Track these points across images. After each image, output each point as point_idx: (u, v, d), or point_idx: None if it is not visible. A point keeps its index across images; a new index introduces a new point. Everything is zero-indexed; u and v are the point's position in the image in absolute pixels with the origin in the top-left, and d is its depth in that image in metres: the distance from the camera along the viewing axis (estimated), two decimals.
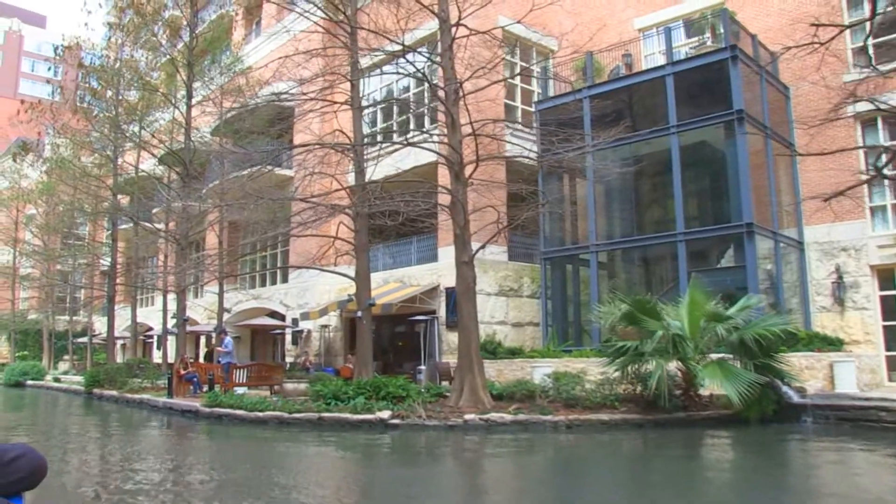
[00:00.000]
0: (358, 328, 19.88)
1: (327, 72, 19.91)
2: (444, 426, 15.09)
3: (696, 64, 22.67)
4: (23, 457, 1.79)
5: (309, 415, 15.96)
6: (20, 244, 48.37)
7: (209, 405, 18.42)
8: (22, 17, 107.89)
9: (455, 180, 17.12)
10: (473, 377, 16.39)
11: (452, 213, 17.30)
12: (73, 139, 32.88)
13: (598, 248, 24.11)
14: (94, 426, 20.06)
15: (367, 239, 20.01)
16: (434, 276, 26.70)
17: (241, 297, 34.66)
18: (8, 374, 43.43)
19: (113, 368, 29.78)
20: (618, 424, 15.15)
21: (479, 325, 17.73)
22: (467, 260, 17.10)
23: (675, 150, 22.30)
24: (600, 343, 22.92)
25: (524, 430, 14.96)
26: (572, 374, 17.23)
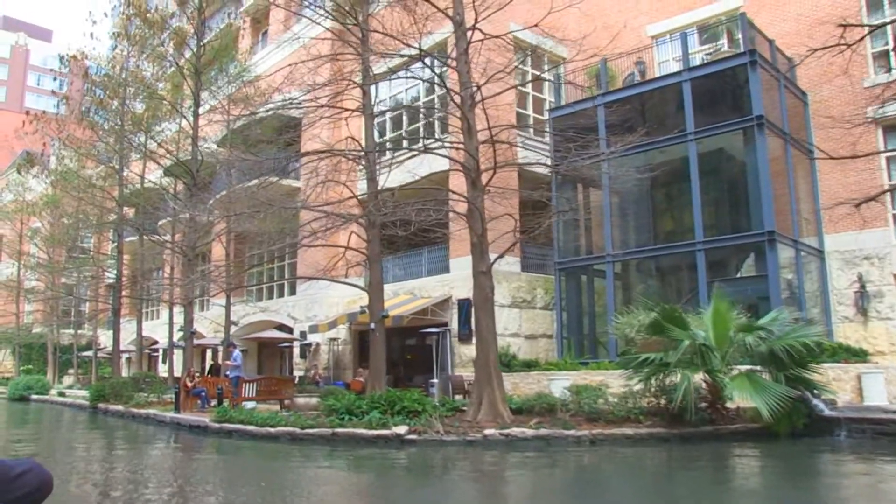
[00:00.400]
0: (371, 341, 19.36)
1: (338, 78, 19.49)
2: (462, 441, 14.54)
3: (713, 70, 22.22)
4: (29, 472, 1.76)
5: (322, 430, 15.42)
6: (24, 257, 47.95)
7: (218, 420, 17.88)
8: (28, 31, 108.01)
9: (472, 187, 16.63)
10: (492, 390, 15.85)
11: (469, 222, 16.80)
12: (79, 150, 32.45)
13: (614, 258, 23.59)
14: (99, 442, 19.54)
15: (380, 249, 19.49)
16: (445, 287, 26.20)
17: (248, 310, 34.19)
18: (12, 388, 42.89)
19: (119, 382, 29.22)
20: (643, 439, 14.59)
21: (497, 337, 17.16)
22: (485, 270, 16.59)
23: (693, 158, 21.83)
24: (618, 355, 22.43)
25: (546, 445, 14.40)
26: (593, 388, 16.70)
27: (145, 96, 28.72)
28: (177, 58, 30.01)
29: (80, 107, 30.74)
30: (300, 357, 31.50)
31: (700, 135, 21.98)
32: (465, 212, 17.33)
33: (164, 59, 28.86)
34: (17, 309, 51.60)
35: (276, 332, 30.81)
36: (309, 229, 19.96)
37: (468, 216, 16.84)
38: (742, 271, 23.44)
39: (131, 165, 35.41)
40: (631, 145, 19.58)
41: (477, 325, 16.93)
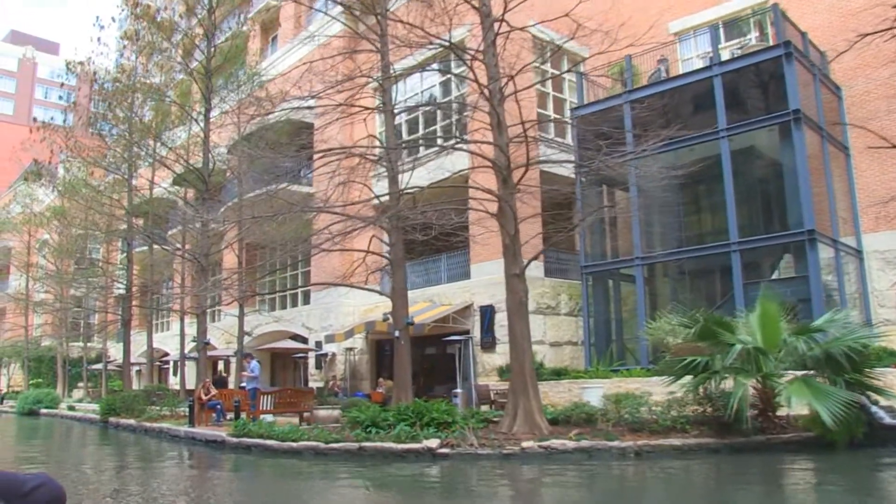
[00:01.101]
0: (395, 349, 18.45)
1: (356, 75, 18.64)
2: (499, 455, 13.62)
3: (746, 63, 21.32)
4: (42, 486, 1.72)
5: (348, 445, 14.49)
6: (33, 269, 47.24)
7: (236, 434, 16.94)
8: (35, 44, 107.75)
9: (503, 185, 15.73)
10: (528, 400, 14.92)
11: (501, 221, 15.91)
12: (86, 159, 31.68)
13: (643, 261, 22.67)
14: (110, 459, 18.64)
15: (403, 253, 18.61)
16: (467, 294, 25.31)
17: (261, 321, 33.28)
18: (21, 402, 42.12)
19: (130, 396, 28.34)
20: (691, 450, 13.64)
21: (531, 344, 16.24)
22: (518, 272, 15.68)
23: (726, 155, 20.94)
24: (649, 362, 21.51)
25: (588, 457, 13.47)
26: (634, 396, 15.76)
27: (155, 100, 27.89)
28: (186, 62, 29.28)
29: (88, 113, 29.99)
30: (315, 368, 30.60)
31: (732, 131, 21.10)
32: (494, 212, 16.42)
33: (173, 59, 28.03)
34: (27, 322, 50.84)
35: (292, 343, 29.91)
36: (327, 233, 19.09)
37: (499, 216, 15.95)
38: (780, 272, 22.50)
39: (140, 174, 34.74)
40: (661, 143, 18.65)
41: (511, 331, 16.01)
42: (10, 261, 55.75)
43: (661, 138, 18.04)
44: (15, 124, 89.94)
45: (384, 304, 28.58)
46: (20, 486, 1.71)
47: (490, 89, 15.65)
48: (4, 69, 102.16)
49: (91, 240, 41.05)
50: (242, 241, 28.44)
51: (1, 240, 55.53)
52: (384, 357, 30.41)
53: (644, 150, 18.50)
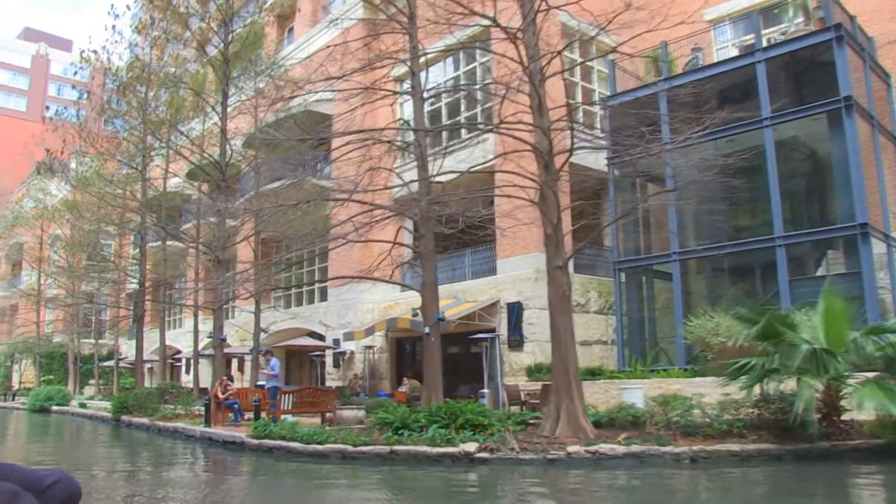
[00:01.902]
0: (425, 346, 17.39)
1: (382, 57, 17.62)
2: (542, 460, 12.57)
3: (791, 49, 20.22)
4: (59, 482, 1.65)
5: (378, 448, 13.46)
6: (45, 265, 46.47)
7: (257, 436, 15.90)
8: (49, 41, 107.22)
9: (545, 171, 14.67)
10: (571, 401, 13.85)
11: (542, 209, 14.85)
12: (99, 149, 30.78)
13: (680, 256, 21.58)
14: (123, 460, 17.69)
15: (434, 245, 17.58)
16: (493, 290, 24.27)
17: (277, 317, 32.33)
18: (32, 399, 41.29)
19: (143, 394, 27.38)
20: (750, 456, 12.55)
21: (575, 342, 15.17)
22: (561, 264, 14.62)
23: (770, 145, 19.85)
24: (688, 362, 20.45)
25: (640, 464, 12.42)
26: (681, 397, 14.68)
27: (171, 87, 26.89)
28: (202, 50, 28.39)
29: (101, 103, 29.09)
30: (333, 366, 29.59)
31: (778, 120, 19.99)
32: (530, 200, 15.37)
33: (189, 45, 27.07)
34: (38, 317, 50.06)
35: (309, 340, 28.89)
36: (352, 224, 18.09)
37: (541, 203, 14.89)
38: (824, 269, 21.39)
39: (154, 169, 33.84)
40: (701, 132, 17.53)
41: (553, 327, 14.96)
42: (21, 256, 55.07)
43: (703, 126, 16.95)
44: (28, 121, 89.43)
45: (405, 301, 27.63)
46: (38, 481, 1.64)
47: (530, 69, 14.60)
48: (18, 66, 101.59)
49: (103, 235, 40.09)
50: (259, 234, 27.52)
51: (13, 235, 54.80)
52: (404, 355, 29.43)
53: (686, 138, 17.42)
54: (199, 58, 34.25)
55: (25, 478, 1.63)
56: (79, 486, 1.72)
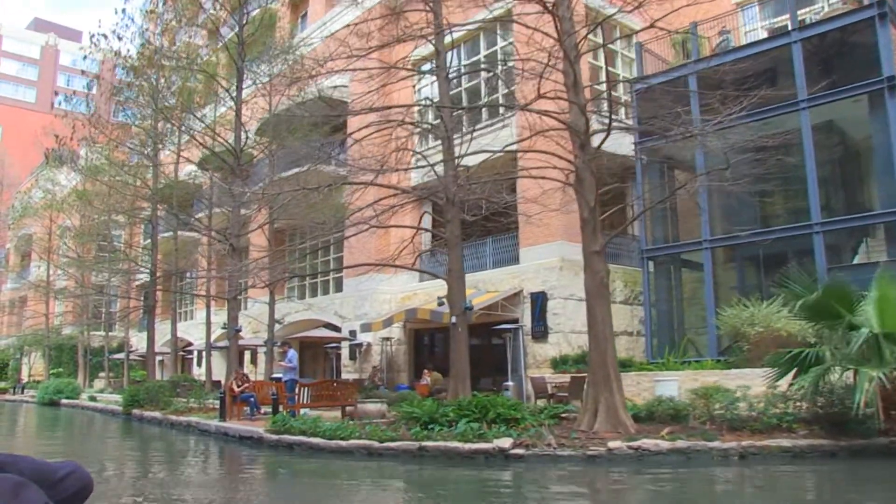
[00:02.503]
0: (452, 337, 16.63)
1: (406, 37, 16.83)
2: (582, 457, 11.80)
3: (830, 27, 19.35)
4: (73, 474, 1.67)
5: (406, 444, 12.71)
6: (54, 255, 45.86)
7: (275, 431, 15.15)
8: (58, 32, 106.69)
9: (580, 151, 13.87)
10: (611, 394, 13.07)
11: (578, 192, 14.06)
12: (109, 136, 30.04)
13: (711, 244, 20.76)
14: (136, 455, 17.00)
15: (460, 231, 16.80)
16: (515, 280, 23.49)
17: (291, 308, 31.62)
18: (42, 392, 40.74)
19: (154, 387, 26.68)
20: (803, 452, 11.75)
21: (613, 332, 14.39)
22: (598, 249, 13.83)
23: (807, 128, 19.03)
24: (721, 353, 19.66)
25: (686, 460, 11.64)
26: (723, 390, 13.89)
27: (183, 69, 26.04)
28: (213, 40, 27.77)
29: (111, 88, 28.36)
30: (349, 358, 28.87)
31: (814, 102, 19.15)
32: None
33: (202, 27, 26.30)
34: (47, 309, 49.47)
35: (326, 331, 28.12)
36: (372, 211, 17.33)
37: (576, 186, 14.10)
38: (857, 257, 20.55)
39: (166, 158, 33.11)
40: (735, 115, 16.68)
41: (590, 316, 14.16)
42: (31, 247, 54.54)
43: (742, 106, 16.11)
44: (37, 112, 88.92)
45: (423, 292, 26.90)
46: (52, 473, 1.64)
47: (565, 45, 13.79)
48: (27, 56, 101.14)
49: (113, 225, 39.41)
50: (273, 223, 26.77)
51: (23, 226, 54.25)
52: (422, 347, 28.70)
53: (721, 120, 16.56)
54: (211, 44, 33.55)
55: (38, 469, 1.63)
56: (91, 478, 1.72)
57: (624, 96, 25.15)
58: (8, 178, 59.73)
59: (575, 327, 22.54)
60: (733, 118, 15.73)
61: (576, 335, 22.49)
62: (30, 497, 1.47)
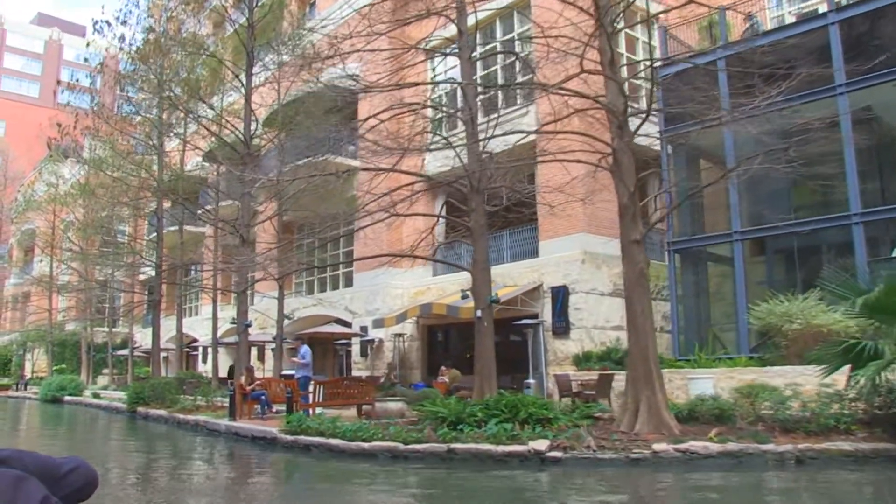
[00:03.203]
0: (477, 332, 15.69)
1: (426, 14, 15.92)
2: (624, 460, 10.91)
3: (870, 7, 18.42)
4: (77, 469, 1.67)
5: (434, 446, 11.81)
6: (57, 250, 45.03)
7: (291, 431, 14.22)
8: (62, 27, 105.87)
9: (618, 133, 12.96)
10: (653, 393, 12.18)
11: (616, 177, 13.16)
12: (114, 128, 29.16)
13: (743, 236, 19.85)
14: (141, 455, 16.11)
15: (485, 220, 15.89)
16: (535, 274, 22.59)
17: (299, 304, 30.71)
18: (44, 388, 39.87)
19: (160, 384, 25.77)
20: (866, 457, 10.84)
21: (654, 326, 13.49)
22: (638, 238, 12.92)
23: (845, 114, 18.07)
24: (752, 350, 18.75)
25: (737, 464, 10.74)
26: (771, 388, 13.00)
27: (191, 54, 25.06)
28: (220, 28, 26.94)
29: (115, 76, 27.48)
30: (360, 355, 27.99)
31: (852, 87, 18.23)
32: (608, 166, 13.67)
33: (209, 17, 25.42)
34: (50, 305, 48.63)
35: (338, 327, 27.19)
36: (389, 199, 16.44)
37: (614, 170, 13.20)
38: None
39: (172, 149, 32.20)
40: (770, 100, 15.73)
41: (629, 310, 13.25)
42: (34, 242, 53.75)
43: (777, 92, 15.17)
44: (41, 107, 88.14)
45: (436, 287, 26.03)
46: (56, 469, 1.64)
47: (602, 22, 12.88)
48: (31, 51, 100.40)
49: (117, 219, 38.50)
50: (282, 215, 25.88)
51: (26, 220, 53.45)
52: (436, 344, 27.83)
53: (756, 105, 15.60)
54: (217, 34, 32.64)
55: (43, 465, 1.62)
56: (96, 473, 1.71)
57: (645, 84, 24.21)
58: (11, 173, 58.98)
59: (597, 323, 21.68)
60: (769, 103, 14.84)
61: (599, 331, 21.63)
62: (29, 490, 1.46)
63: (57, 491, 1.59)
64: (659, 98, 21.61)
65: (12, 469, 1.48)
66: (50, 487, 1.55)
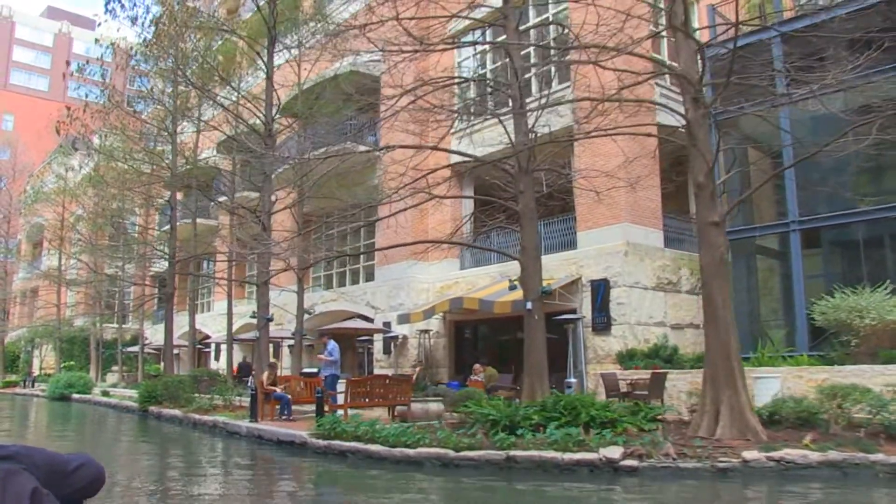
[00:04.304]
0: (527, 326, 14.29)
1: None
2: (710, 470, 9.52)
3: None
4: (84, 465, 1.75)
5: (490, 453, 10.42)
6: (66, 243, 43.88)
7: (322, 435, 12.79)
8: (71, 20, 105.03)
9: (692, 106, 11.56)
10: (735, 393, 10.79)
11: (692, 153, 11.76)
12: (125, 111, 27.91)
13: (801, 225, 18.43)
14: (156, 461, 14.74)
15: (535, 203, 14.51)
16: (572, 266, 21.20)
17: (318, 298, 29.37)
18: (52, 386, 38.67)
19: (174, 382, 24.38)
20: None
21: (734, 318, 12.07)
22: (718, 220, 11.50)
23: None
24: (812, 347, 17.33)
25: (842, 476, 9.34)
26: (864, 389, 11.59)
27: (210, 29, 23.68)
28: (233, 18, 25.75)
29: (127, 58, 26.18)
30: (383, 352, 26.63)
31: None
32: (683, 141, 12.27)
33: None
34: (59, 299, 47.43)
35: (362, 323, 25.76)
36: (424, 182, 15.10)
37: (689, 145, 11.81)
38: None
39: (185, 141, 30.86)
40: (846, 74, 14.29)
41: (707, 300, 11.82)
42: (43, 235, 52.69)
43: (855, 65, 13.73)
44: (51, 100, 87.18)
45: (465, 280, 24.68)
46: (64, 465, 1.70)
47: None
48: (40, 44, 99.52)
49: (128, 211, 37.21)
50: (302, 205, 24.54)
51: (35, 213, 52.32)
52: (464, 341, 26.47)
53: (821, 85, 14.13)
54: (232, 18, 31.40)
55: (51, 461, 1.66)
56: (103, 469, 1.77)
57: None
58: (20, 165, 57.96)
59: (641, 319, 20.29)
60: (852, 76, 13.44)
61: (642, 327, 20.24)
62: (20, 482, 1.48)
63: (65, 487, 1.65)
64: (709, 78, 20.26)
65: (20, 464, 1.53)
66: (58, 483, 1.61)
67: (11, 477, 1.48)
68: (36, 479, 1.52)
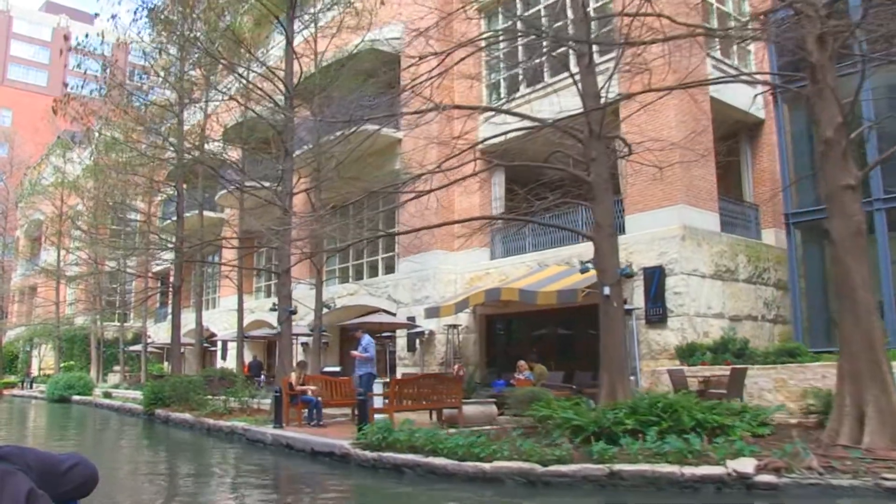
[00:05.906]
0: (603, 314, 12.28)
1: None
2: (872, 488, 7.59)
3: None
4: (78, 465, 1.77)
5: (587, 468, 8.45)
6: (65, 238, 42.04)
7: (369, 445, 10.73)
8: (70, 14, 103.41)
9: (817, 46, 9.58)
10: (883, 393, 8.81)
11: (817, 105, 9.75)
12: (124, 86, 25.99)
13: (886, 204, 16.49)
14: (170, 482, 12.77)
15: (609, 174, 12.55)
16: (621, 253, 19.04)
17: (335, 292, 27.39)
18: (51, 387, 36.92)
19: (183, 382, 22.39)
20: None
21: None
22: (853, 183, 9.51)
23: None
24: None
25: None
26: None
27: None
28: None
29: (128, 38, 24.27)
30: (407, 349, 24.68)
31: None
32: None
33: None
34: (58, 297, 45.51)
35: (387, 317, 23.71)
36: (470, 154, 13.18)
37: (813, 100, 9.84)
38: None
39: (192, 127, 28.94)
40: None
41: (843, 279, 9.77)
42: (41, 231, 50.92)
43: None
44: (49, 95, 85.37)
45: (497, 270, 22.79)
46: (57, 465, 1.71)
47: None
48: (38, 39, 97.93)
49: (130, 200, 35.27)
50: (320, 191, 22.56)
51: (33, 208, 50.47)
52: (496, 336, 24.55)
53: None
54: None
55: (44, 461, 1.68)
56: (96, 469, 1.79)
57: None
58: (18, 159, 56.34)
59: (700, 310, 18.34)
60: None
61: (702, 319, 18.29)
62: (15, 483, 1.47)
63: (58, 487, 1.67)
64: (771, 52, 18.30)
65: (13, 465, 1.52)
66: (51, 483, 1.62)
67: (7, 478, 1.45)
68: (30, 481, 1.49)
